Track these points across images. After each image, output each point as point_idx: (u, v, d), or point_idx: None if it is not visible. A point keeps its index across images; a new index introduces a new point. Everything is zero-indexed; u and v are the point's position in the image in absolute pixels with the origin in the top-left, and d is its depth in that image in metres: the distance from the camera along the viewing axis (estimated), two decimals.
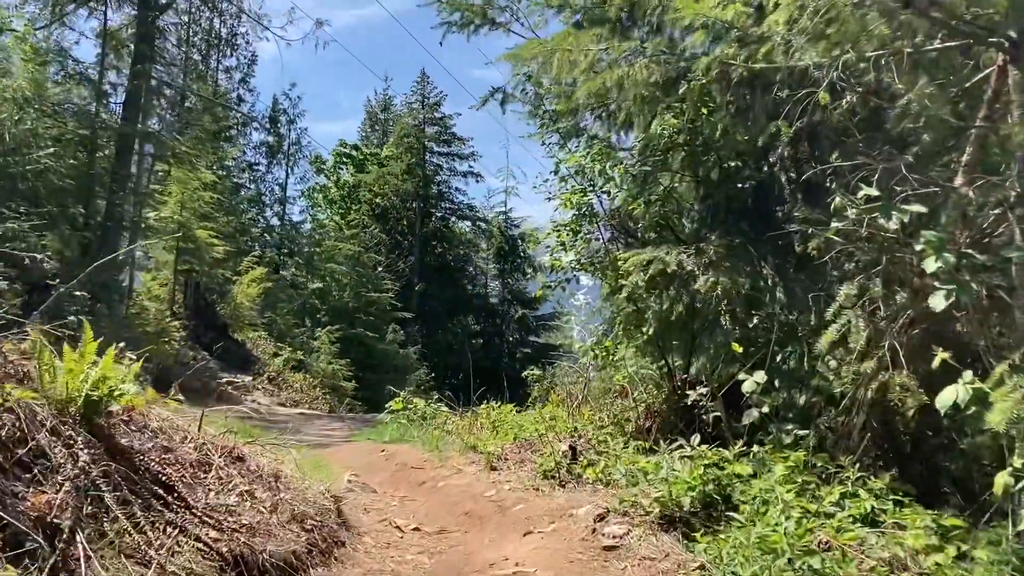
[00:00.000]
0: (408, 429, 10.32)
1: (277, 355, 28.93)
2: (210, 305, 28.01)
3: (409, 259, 48.03)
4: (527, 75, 7.99)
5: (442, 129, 51.69)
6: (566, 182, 7.90)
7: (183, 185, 25.29)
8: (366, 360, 36.54)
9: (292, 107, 47.39)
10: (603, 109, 8.20)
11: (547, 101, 8.19)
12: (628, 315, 7.13)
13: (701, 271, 6.14)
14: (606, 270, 7.57)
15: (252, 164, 47.47)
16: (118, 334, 15.84)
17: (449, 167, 52.16)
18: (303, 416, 15.81)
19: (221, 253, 28.06)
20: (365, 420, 15.49)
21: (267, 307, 34.17)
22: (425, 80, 51.65)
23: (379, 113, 57.02)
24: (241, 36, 42.90)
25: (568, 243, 7.91)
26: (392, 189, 48.66)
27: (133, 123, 19.40)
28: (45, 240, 14.21)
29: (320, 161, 51.42)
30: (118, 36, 19.50)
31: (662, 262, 6.18)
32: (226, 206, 34.00)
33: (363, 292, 38.08)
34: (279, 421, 13.53)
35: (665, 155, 6.89)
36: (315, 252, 42.26)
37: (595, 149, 7.33)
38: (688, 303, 6.37)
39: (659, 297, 6.58)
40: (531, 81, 8.03)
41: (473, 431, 8.51)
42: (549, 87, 8.06)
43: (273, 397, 23.10)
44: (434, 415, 11.37)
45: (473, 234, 53.82)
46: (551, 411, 8.62)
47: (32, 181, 15.08)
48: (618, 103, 7.01)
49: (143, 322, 19.32)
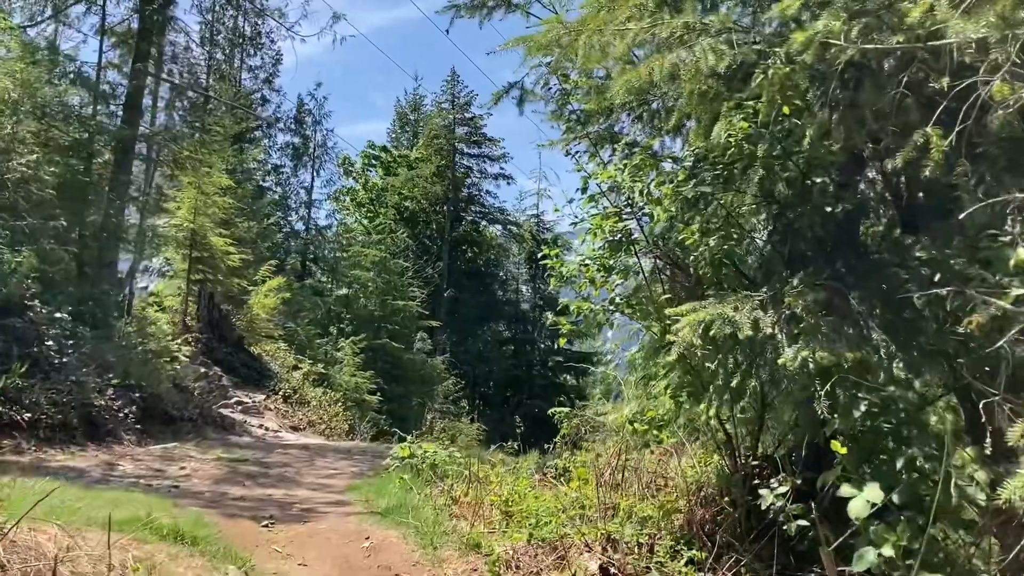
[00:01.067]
0: (409, 494, 8.66)
1: (297, 368, 27.49)
2: (225, 317, 26.60)
3: (438, 264, 46.47)
4: (546, 65, 6.25)
5: (473, 130, 50.09)
6: (596, 202, 6.16)
7: (196, 190, 23.99)
8: (392, 371, 35.08)
9: (318, 108, 46.13)
10: (644, 108, 6.46)
11: (574, 98, 6.46)
12: (679, 381, 5.39)
13: (784, 334, 4.38)
14: (647, 315, 5.84)
15: (278, 167, 46.34)
16: (103, 358, 14.45)
17: (480, 169, 50.56)
18: (307, 451, 14.23)
19: (237, 261, 26.74)
20: (376, 455, 13.87)
21: (289, 316, 32.84)
22: (455, 79, 50.09)
23: (409, 114, 55.58)
24: (265, 35, 41.67)
25: (599, 280, 6.19)
26: (421, 192, 47.17)
27: (133, 125, 17.98)
28: (20, 257, 12.76)
29: (348, 163, 50.19)
30: (117, 33, 18.11)
31: (729, 322, 4.43)
32: (247, 211, 32.77)
33: (388, 300, 36.57)
34: (274, 464, 11.96)
35: (729, 169, 5.12)
36: (341, 257, 40.92)
37: (635, 160, 5.58)
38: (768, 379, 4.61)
39: (723, 365, 4.83)
40: (552, 72, 6.29)
41: (480, 512, 6.82)
42: (576, 81, 6.33)
43: (285, 419, 21.63)
44: (445, 467, 9.73)
45: (504, 238, 52.19)
46: (578, 488, 6.88)
47: (11, 192, 13.67)
48: (666, 100, 5.31)
49: (143, 340, 17.88)
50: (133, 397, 13.35)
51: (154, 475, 10.06)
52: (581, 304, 6.33)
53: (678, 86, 4.81)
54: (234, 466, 11.34)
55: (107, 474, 9.81)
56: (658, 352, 5.47)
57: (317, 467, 12.28)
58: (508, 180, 50.71)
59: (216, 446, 13.44)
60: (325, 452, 14.27)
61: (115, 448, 11.76)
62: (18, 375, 11.35)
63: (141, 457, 11.25)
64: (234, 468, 11.16)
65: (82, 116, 16.90)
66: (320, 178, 47.90)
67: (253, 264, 29.71)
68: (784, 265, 5.70)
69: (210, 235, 25.14)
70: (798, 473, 5.11)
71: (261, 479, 10.66)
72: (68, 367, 12.46)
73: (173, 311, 25.78)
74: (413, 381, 36.76)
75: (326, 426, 23.02)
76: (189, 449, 12.43)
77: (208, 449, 12.65)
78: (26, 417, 10.90)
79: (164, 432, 13.77)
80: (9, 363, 11.45)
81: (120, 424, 12.54)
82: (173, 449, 12.20)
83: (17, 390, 11.26)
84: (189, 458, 11.57)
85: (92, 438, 11.91)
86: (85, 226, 16.65)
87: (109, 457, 10.99)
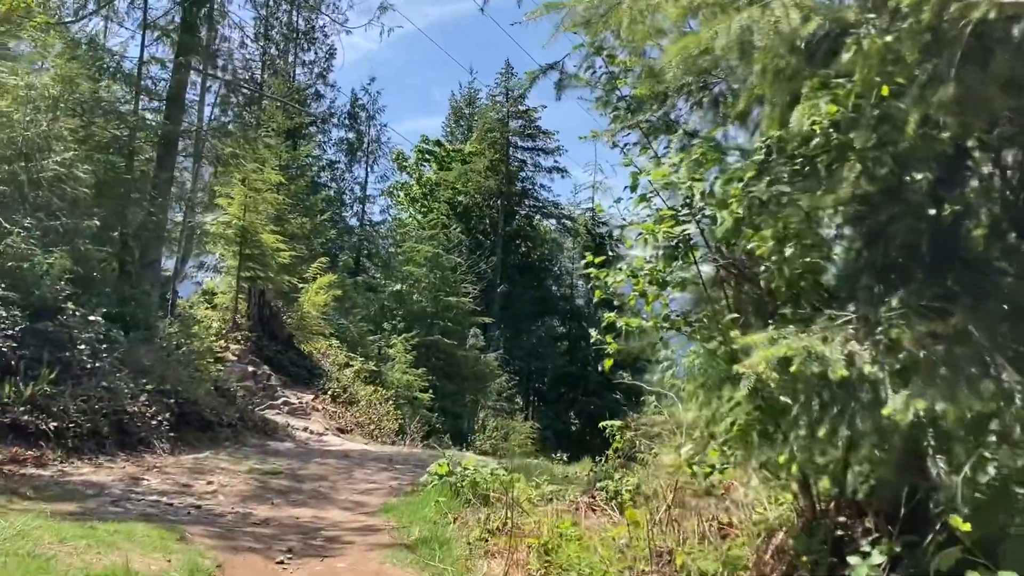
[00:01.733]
0: (443, 520, 7.91)
1: (349, 365, 27.05)
2: (275, 314, 26.27)
3: (491, 259, 45.77)
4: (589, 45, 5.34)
5: (527, 123, 49.21)
6: (648, 202, 5.25)
7: (246, 186, 23.65)
8: (444, 368, 34.56)
9: (371, 103, 45.83)
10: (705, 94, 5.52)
11: (622, 82, 5.54)
12: (748, 419, 4.48)
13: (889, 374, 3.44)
14: (710, 337, 4.92)
15: (332, 162, 46.22)
16: (139, 362, 14.02)
17: (534, 162, 49.69)
18: (346, 460, 13.61)
19: (287, 258, 26.40)
20: (419, 464, 13.18)
21: (341, 313, 32.49)
22: (509, 72, 49.23)
23: (464, 108, 55.01)
24: (319, 29, 41.47)
25: (651, 294, 5.28)
26: (474, 186, 46.52)
27: (176, 121, 17.59)
28: (52, 258, 12.36)
29: (402, 158, 49.86)
30: (160, 27, 17.72)
31: (817, 358, 3.50)
32: (300, 207, 32.50)
33: (441, 296, 35.98)
34: (308, 477, 11.34)
35: (811, 163, 4.18)
36: (394, 253, 40.53)
37: (695, 153, 4.65)
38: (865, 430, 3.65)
39: (806, 408, 3.90)
40: (594, 51, 5.36)
41: (516, 557, 5.98)
42: (624, 62, 5.41)
43: (332, 420, 21.12)
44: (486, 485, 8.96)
45: (558, 232, 51.27)
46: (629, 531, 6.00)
47: (45, 190, 13.31)
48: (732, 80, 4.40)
49: (187, 341, 17.50)
50: (168, 403, 12.86)
51: (178, 492, 9.49)
52: (630, 321, 5.43)
53: (748, 61, 3.89)
54: (265, 480, 10.73)
55: (129, 490, 9.26)
56: (722, 384, 4.56)
57: (354, 480, 11.61)
58: (563, 173, 49.83)
59: (252, 455, 12.89)
60: (365, 461, 13.62)
61: (146, 458, 11.26)
62: (47, 381, 10.92)
63: (170, 470, 10.72)
64: (265, 483, 10.56)
65: (122, 112, 16.54)
66: (374, 173, 47.59)
67: (306, 260, 29.39)
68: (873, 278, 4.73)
69: (261, 232, 24.83)
70: (895, 536, 4.17)
71: (292, 495, 10.03)
72: (101, 372, 12.01)
73: (223, 308, 25.57)
74: (466, 378, 36.21)
75: (375, 427, 22.48)
76: (222, 459, 11.88)
77: (242, 460, 12.10)
78: (52, 426, 10.45)
79: (200, 439, 13.28)
80: (39, 369, 11.03)
81: (153, 432, 12.04)
82: (205, 460, 11.66)
83: (46, 397, 10.82)
84: (220, 471, 11.01)
85: (123, 447, 11.44)
86: (126, 224, 16.29)
87: (136, 469, 10.47)
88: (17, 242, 11.97)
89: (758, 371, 3.83)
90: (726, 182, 4.29)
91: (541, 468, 12.64)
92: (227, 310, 25.28)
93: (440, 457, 10.49)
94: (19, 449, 10.01)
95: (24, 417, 10.29)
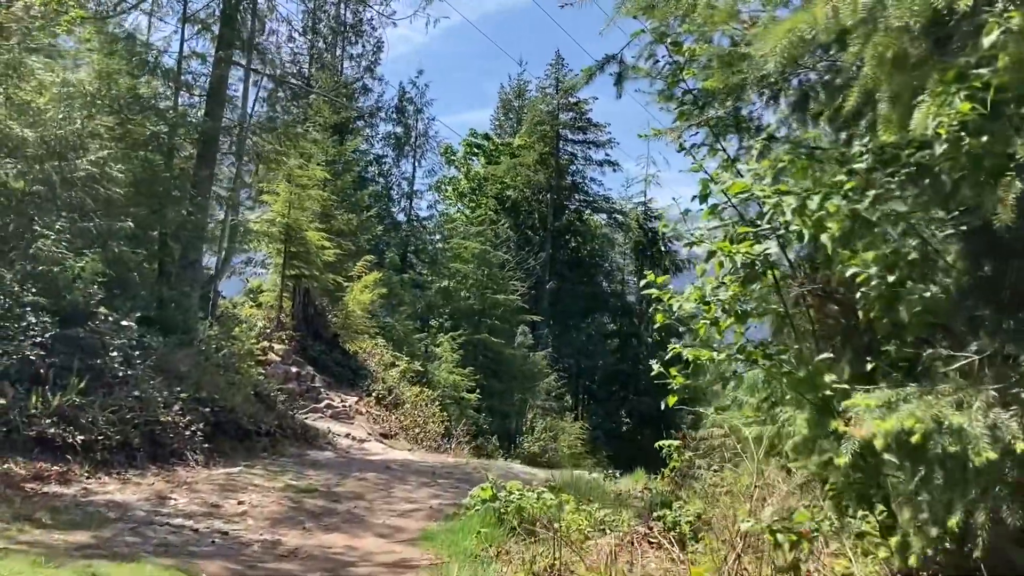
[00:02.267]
0: (484, 556, 7.22)
1: (395, 365, 26.56)
2: (320, 313, 25.89)
3: (540, 255, 44.97)
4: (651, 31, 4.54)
5: (577, 115, 48.19)
6: (718, 216, 4.44)
7: (291, 183, 23.26)
8: (492, 367, 33.91)
9: (419, 96, 45.31)
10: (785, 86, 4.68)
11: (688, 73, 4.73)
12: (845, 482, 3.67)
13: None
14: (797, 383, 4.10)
15: (380, 157, 45.83)
16: (175, 369, 13.57)
17: (584, 156, 48.68)
18: (387, 473, 13.01)
19: (332, 256, 25.97)
20: (463, 480, 12.55)
21: (387, 311, 32.06)
22: (560, 63, 48.33)
23: (513, 100, 54.20)
24: (366, 22, 41.05)
25: (723, 322, 4.48)
26: (523, 181, 45.73)
27: (216, 117, 17.15)
28: (84, 262, 11.95)
29: (450, 152, 49.32)
30: (200, 20, 17.29)
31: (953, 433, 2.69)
32: (346, 203, 32.08)
33: (488, 293, 35.30)
34: (345, 496, 10.74)
35: (931, 175, 3.34)
36: (441, 249, 39.98)
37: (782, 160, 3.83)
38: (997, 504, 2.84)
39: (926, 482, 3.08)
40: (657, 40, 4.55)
41: None
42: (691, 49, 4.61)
43: (376, 424, 20.63)
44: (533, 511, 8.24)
45: (609, 227, 50.20)
46: None
47: (79, 190, 12.91)
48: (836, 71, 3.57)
49: (228, 343, 17.10)
50: (203, 412, 12.37)
51: (206, 514, 8.94)
52: (700, 353, 4.64)
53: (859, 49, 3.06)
54: (300, 500, 10.15)
55: (154, 511, 8.73)
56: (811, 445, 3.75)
57: (393, 498, 10.98)
58: (614, 167, 48.72)
59: (289, 468, 12.36)
60: (407, 475, 12.99)
61: (177, 472, 10.78)
62: (76, 391, 10.49)
63: (200, 486, 10.19)
64: (299, 503, 9.97)
65: (161, 108, 16.14)
66: (422, 168, 47.07)
67: (352, 257, 28.95)
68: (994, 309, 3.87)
69: (306, 229, 24.44)
70: None
71: (326, 518, 9.42)
72: (133, 380, 11.54)
73: (268, 307, 25.25)
74: (514, 377, 35.52)
75: (420, 430, 21.93)
76: (256, 474, 11.35)
77: (277, 474, 11.54)
78: (80, 439, 10.00)
79: (236, 449, 12.79)
80: (69, 377, 10.61)
81: (186, 443, 11.56)
82: (238, 475, 11.13)
83: (74, 408, 10.38)
84: (252, 487, 10.46)
85: (155, 459, 10.97)
86: (165, 224, 15.90)
87: (165, 486, 9.97)
88: (48, 245, 11.59)
89: (871, 438, 3.03)
90: (825, 197, 3.46)
91: (591, 484, 11.88)
92: (271, 308, 24.96)
93: (485, 470, 9.84)
94: (44, 464, 9.56)
95: (51, 430, 9.86)
